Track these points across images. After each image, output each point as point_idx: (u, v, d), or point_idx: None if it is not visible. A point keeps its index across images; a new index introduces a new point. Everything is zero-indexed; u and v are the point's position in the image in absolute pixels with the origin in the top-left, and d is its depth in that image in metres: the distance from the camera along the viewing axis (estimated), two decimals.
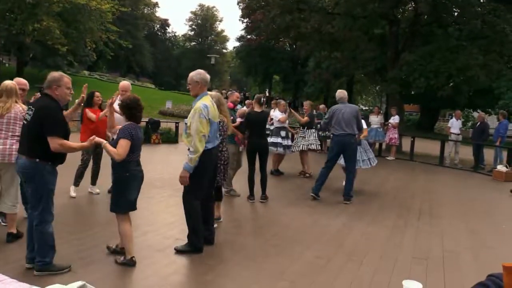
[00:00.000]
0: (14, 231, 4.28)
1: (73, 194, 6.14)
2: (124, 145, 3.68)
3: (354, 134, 7.03)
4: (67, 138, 3.55)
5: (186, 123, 4.40)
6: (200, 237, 4.39)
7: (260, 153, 6.67)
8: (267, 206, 6.54)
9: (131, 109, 3.84)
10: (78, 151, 4.80)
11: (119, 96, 5.97)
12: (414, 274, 4.02)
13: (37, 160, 3.45)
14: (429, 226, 5.95)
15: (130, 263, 3.84)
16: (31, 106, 3.55)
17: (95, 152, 6.27)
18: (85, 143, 3.72)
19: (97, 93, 6.41)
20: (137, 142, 3.81)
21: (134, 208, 3.97)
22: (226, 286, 3.67)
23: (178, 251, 4.33)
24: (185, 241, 4.53)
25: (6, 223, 4.50)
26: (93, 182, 6.50)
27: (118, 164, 3.74)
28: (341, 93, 7.34)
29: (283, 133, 8.88)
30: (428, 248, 4.98)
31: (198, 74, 4.41)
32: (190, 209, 4.36)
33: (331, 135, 7.32)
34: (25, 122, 3.55)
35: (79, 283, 2.13)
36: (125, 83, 6.44)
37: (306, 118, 9.35)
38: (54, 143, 3.40)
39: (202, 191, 4.39)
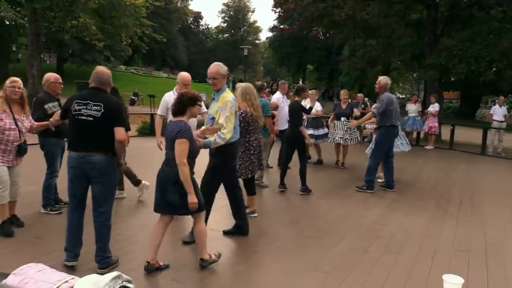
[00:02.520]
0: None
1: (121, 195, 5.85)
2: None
3: None
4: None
5: (213, 117, 4.18)
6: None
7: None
8: (300, 197, 6.47)
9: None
10: None
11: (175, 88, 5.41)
12: (454, 267, 3.88)
13: (110, 154, 3.51)
14: (470, 217, 5.72)
15: (216, 260, 3.75)
16: (89, 101, 3.42)
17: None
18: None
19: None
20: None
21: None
22: (259, 277, 3.66)
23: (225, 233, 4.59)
24: (220, 231, 4.64)
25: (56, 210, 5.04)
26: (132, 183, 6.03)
27: None
28: (389, 80, 7.04)
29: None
30: (469, 240, 4.78)
31: (220, 66, 4.21)
32: (209, 197, 4.24)
33: (389, 126, 6.80)
34: (91, 119, 3.39)
35: (115, 273, 2.16)
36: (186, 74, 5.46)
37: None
38: (123, 133, 3.47)
39: (218, 183, 4.43)
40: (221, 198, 6.07)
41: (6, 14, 22.83)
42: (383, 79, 6.92)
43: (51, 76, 5.04)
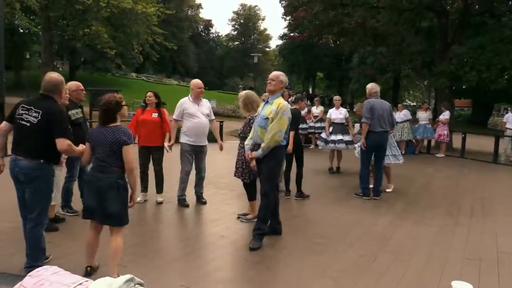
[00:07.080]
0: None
1: (138, 199, 5.66)
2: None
3: None
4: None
5: (266, 118, 4.49)
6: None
7: None
8: (310, 204, 6.48)
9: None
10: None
11: None
12: (465, 276, 3.84)
13: (42, 161, 3.45)
14: (481, 226, 5.66)
15: None
16: (32, 107, 3.46)
17: (153, 158, 6.01)
18: (80, 149, 3.61)
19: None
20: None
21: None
22: (268, 283, 3.67)
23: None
24: (230, 238, 4.70)
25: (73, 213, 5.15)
26: (157, 190, 6.09)
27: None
28: (373, 86, 7.45)
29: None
30: (481, 248, 4.74)
31: (284, 75, 4.71)
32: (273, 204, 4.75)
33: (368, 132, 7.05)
34: (28, 124, 3.43)
35: (128, 276, 2.20)
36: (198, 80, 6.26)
37: None
38: (62, 144, 3.41)
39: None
40: (231, 205, 6.14)
41: (20, 22, 23.28)
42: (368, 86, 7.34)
43: (72, 84, 5.16)
